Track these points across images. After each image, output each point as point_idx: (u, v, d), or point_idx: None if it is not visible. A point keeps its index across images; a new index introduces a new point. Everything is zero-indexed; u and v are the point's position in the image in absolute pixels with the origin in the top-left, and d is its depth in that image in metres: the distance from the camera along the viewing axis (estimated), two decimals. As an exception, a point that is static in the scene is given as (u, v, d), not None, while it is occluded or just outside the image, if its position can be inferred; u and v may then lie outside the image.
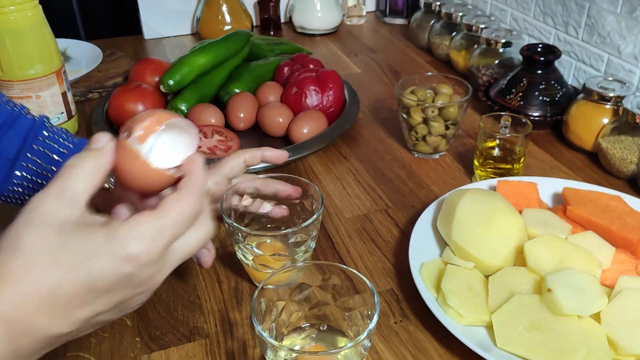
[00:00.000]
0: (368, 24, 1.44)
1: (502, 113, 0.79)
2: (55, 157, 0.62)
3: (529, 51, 0.94)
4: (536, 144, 0.91)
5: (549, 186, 0.75)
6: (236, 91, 0.95)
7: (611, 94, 0.83)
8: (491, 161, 0.78)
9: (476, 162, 0.80)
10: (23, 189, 0.61)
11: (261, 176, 0.65)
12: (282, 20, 1.42)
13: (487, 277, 0.61)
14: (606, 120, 0.84)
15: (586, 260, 0.60)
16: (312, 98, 0.92)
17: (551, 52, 0.94)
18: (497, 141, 0.78)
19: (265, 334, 0.46)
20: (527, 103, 0.92)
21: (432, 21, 1.23)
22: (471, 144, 0.91)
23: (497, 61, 1.04)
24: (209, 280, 0.66)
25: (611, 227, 0.64)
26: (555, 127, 0.94)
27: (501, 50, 1.04)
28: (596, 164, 0.86)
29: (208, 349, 0.58)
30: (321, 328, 0.54)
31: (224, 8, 1.29)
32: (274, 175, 0.65)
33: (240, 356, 0.57)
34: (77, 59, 1.18)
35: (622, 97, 0.82)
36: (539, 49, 0.95)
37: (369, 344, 0.49)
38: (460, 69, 1.14)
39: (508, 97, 0.95)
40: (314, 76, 0.94)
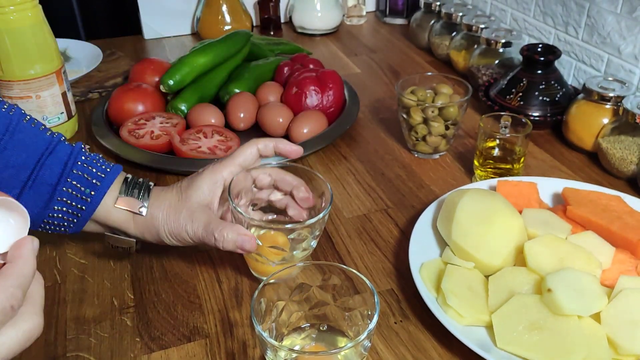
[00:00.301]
0: (368, 24, 1.44)
1: (502, 113, 0.79)
2: (94, 181, 0.60)
3: (529, 51, 0.94)
4: (536, 144, 0.91)
5: (549, 186, 0.75)
6: (236, 91, 0.95)
7: (611, 94, 0.83)
8: (491, 161, 0.78)
9: (476, 162, 0.80)
10: (63, 214, 0.59)
11: (275, 163, 0.64)
12: (282, 20, 1.42)
13: (487, 277, 0.61)
14: (606, 120, 0.84)
15: (586, 260, 0.60)
16: (312, 98, 0.92)
17: (551, 52, 0.94)
18: (497, 141, 0.78)
19: (265, 334, 0.46)
20: (527, 103, 0.92)
21: (432, 21, 1.23)
22: (471, 144, 0.91)
23: (497, 61, 1.04)
24: (209, 280, 0.66)
25: (611, 227, 0.64)
26: (555, 127, 0.94)
27: (501, 50, 1.04)
28: (596, 164, 0.86)
29: (208, 349, 0.58)
30: (321, 328, 0.54)
31: (224, 8, 1.29)
32: (289, 165, 0.64)
33: (240, 356, 0.57)
34: (77, 59, 1.18)
35: (622, 97, 0.82)
36: (539, 49, 0.95)
37: (369, 344, 0.49)
38: (460, 69, 1.14)
39: (508, 97, 0.95)
40: (314, 76, 0.94)
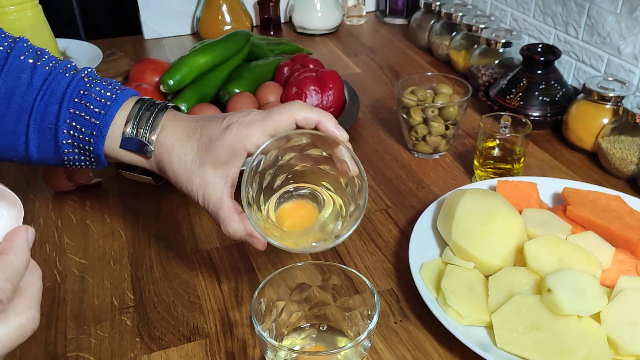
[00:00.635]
0: (368, 24, 1.44)
1: (502, 113, 0.79)
2: (93, 120, 0.53)
3: (529, 51, 0.94)
4: (536, 144, 0.91)
5: (549, 186, 0.75)
6: (236, 91, 0.95)
7: (611, 94, 0.83)
8: (491, 161, 0.78)
9: (476, 162, 0.80)
10: (75, 155, 0.55)
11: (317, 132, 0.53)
12: (282, 20, 1.42)
13: (487, 277, 0.61)
14: (606, 120, 0.84)
15: (586, 260, 0.60)
16: (312, 98, 0.92)
17: (551, 52, 0.94)
18: (497, 141, 0.78)
19: (265, 334, 0.46)
20: (527, 103, 0.92)
21: (432, 21, 1.23)
22: (471, 144, 0.91)
23: (497, 61, 1.04)
24: (209, 280, 0.66)
25: (611, 227, 0.64)
26: (555, 127, 0.94)
27: (501, 50, 1.04)
28: (596, 164, 0.86)
29: (208, 349, 0.58)
30: (321, 328, 0.54)
31: (224, 8, 1.29)
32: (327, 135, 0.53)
33: (240, 356, 0.57)
34: (77, 59, 1.18)
35: (622, 97, 0.82)
36: (539, 49, 0.95)
37: (369, 344, 0.49)
38: (460, 69, 1.14)
39: (508, 97, 0.95)
40: (314, 76, 0.94)
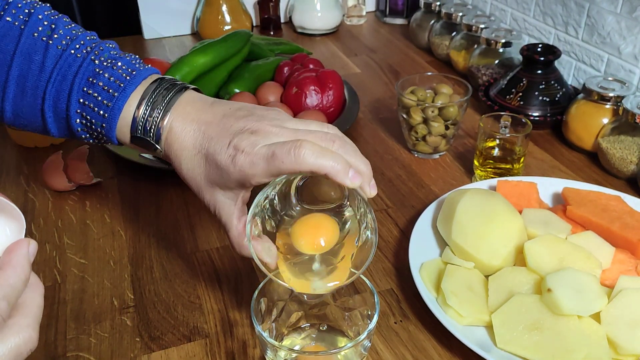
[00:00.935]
0: (368, 24, 1.44)
1: (502, 113, 0.79)
2: (101, 112, 0.49)
3: (529, 51, 0.94)
4: (536, 144, 0.91)
5: (549, 186, 0.75)
6: (236, 91, 0.95)
7: (611, 94, 0.83)
8: (491, 161, 0.78)
9: (476, 162, 0.80)
10: (89, 140, 0.51)
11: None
12: (282, 20, 1.42)
13: (487, 277, 0.61)
14: (606, 120, 0.84)
15: (586, 260, 0.60)
16: (312, 98, 0.92)
17: (551, 52, 0.94)
18: (497, 141, 0.78)
19: (265, 334, 0.46)
20: (527, 103, 0.92)
21: (432, 21, 1.23)
22: (471, 144, 0.91)
23: (497, 61, 1.04)
24: (209, 280, 0.66)
25: (611, 227, 0.64)
26: (555, 127, 0.94)
27: (501, 50, 1.04)
28: (596, 164, 0.86)
29: (208, 349, 0.58)
30: (321, 328, 0.54)
31: (224, 8, 1.29)
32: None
33: (240, 356, 0.57)
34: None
35: (622, 97, 0.82)
36: (539, 49, 0.95)
37: (369, 344, 0.49)
38: (460, 69, 1.14)
39: (508, 97, 0.95)
40: (314, 76, 0.94)
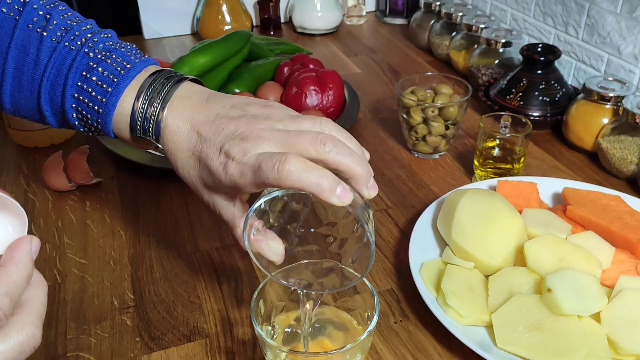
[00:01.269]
0: (368, 24, 1.44)
1: (502, 113, 0.79)
2: (95, 107, 0.47)
3: (529, 51, 0.94)
4: (536, 144, 0.91)
5: (549, 186, 0.75)
6: (236, 91, 0.95)
7: (611, 94, 0.83)
8: (491, 161, 0.78)
9: (476, 162, 0.80)
10: (86, 132, 0.50)
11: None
12: (282, 20, 1.42)
13: (487, 277, 0.61)
14: (606, 120, 0.84)
15: (586, 260, 0.60)
16: (312, 98, 0.92)
17: (551, 52, 0.94)
18: (497, 141, 0.78)
19: (265, 335, 0.46)
20: (527, 103, 0.92)
21: (432, 21, 1.23)
22: (471, 144, 0.91)
23: (497, 61, 1.04)
24: (209, 280, 0.66)
25: (611, 227, 0.64)
26: (555, 127, 0.94)
27: (501, 50, 1.04)
28: (596, 164, 0.86)
29: (208, 349, 0.58)
30: (321, 329, 0.54)
31: (224, 8, 1.29)
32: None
33: (240, 356, 0.57)
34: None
35: (622, 97, 0.82)
36: (539, 49, 0.95)
37: (369, 344, 0.49)
38: (460, 69, 1.14)
39: (508, 97, 0.95)
40: (314, 76, 0.94)
